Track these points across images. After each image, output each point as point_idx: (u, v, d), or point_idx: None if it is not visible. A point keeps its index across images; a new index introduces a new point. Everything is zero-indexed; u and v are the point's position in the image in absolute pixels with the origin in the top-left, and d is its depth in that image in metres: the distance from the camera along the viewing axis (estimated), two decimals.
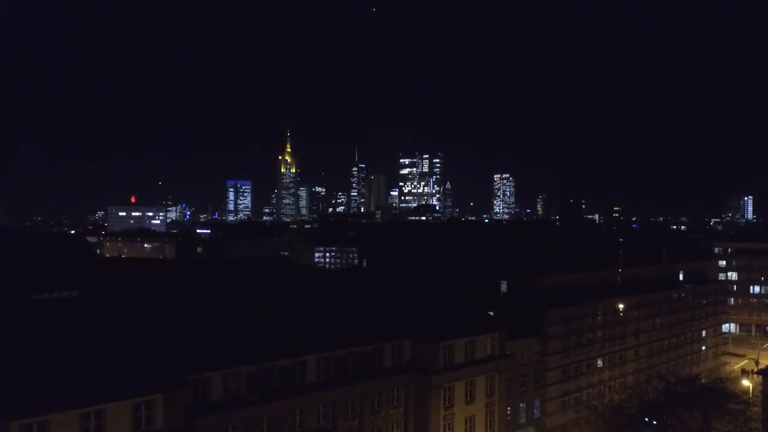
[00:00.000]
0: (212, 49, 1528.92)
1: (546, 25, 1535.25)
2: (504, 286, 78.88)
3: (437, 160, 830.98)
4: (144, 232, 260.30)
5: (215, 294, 58.10)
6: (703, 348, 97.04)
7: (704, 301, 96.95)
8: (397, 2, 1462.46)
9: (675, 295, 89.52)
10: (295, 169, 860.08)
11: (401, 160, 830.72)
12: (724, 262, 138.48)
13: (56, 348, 39.73)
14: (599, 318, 76.23)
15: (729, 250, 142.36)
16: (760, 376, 54.70)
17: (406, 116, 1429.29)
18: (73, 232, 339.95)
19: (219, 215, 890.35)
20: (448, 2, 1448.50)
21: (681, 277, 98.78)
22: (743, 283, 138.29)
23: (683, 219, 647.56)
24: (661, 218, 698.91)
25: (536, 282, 73.53)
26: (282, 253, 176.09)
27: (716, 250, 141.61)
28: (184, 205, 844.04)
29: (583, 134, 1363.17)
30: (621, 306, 79.23)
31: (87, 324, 46.81)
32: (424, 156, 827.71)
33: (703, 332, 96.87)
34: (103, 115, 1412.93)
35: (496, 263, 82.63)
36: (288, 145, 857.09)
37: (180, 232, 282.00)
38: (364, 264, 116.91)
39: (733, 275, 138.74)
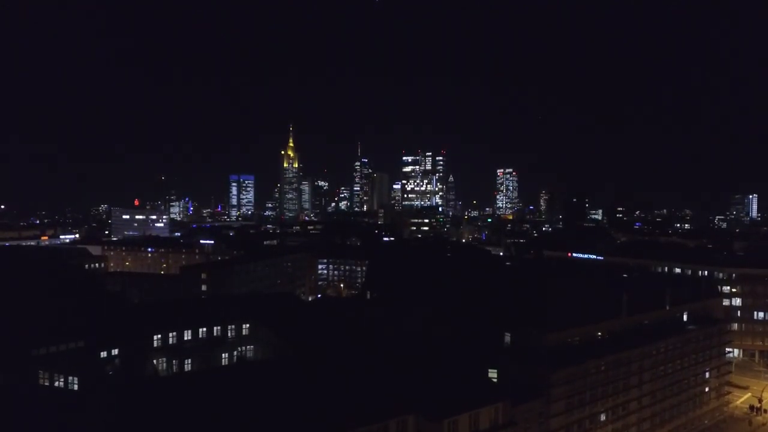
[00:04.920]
0: (215, 44, 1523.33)
1: (551, 19, 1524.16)
2: (508, 338, 79.04)
3: (440, 158, 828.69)
4: (148, 240, 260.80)
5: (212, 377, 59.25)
6: (706, 389, 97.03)
7: (707, 342, 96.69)
8: None
9: (679, 342, 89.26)
10: (298, 164, 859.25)
11: (404, 158, 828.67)
12: (728, 288, 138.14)
13: None
14: (603, 374, 76.18)
15: (733, 275, 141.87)
16: None
17: (408, 111, 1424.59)
18: (77, 236, 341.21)
19: (222, 208, 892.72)
20: None
21: (685, 317, 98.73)
22: (747, 309, 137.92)
23: (687, 213, 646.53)
24: (665, 211, 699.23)
25: (540, 339, 73.51)
26: (287, 269, 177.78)
27: (720, 275, 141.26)
28: (187, 199, 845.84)
29: (588, 130, 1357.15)
30: (625, 358, 79.27)
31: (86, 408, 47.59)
32: (427, 154, 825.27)
33: (707, 374, 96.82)
34: (106, 110, 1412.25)
35: (501, 310, 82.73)
36: (290, 140, 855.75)
37: (184, 239, 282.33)
38: (368, 295, 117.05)
39: (737, 301, 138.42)
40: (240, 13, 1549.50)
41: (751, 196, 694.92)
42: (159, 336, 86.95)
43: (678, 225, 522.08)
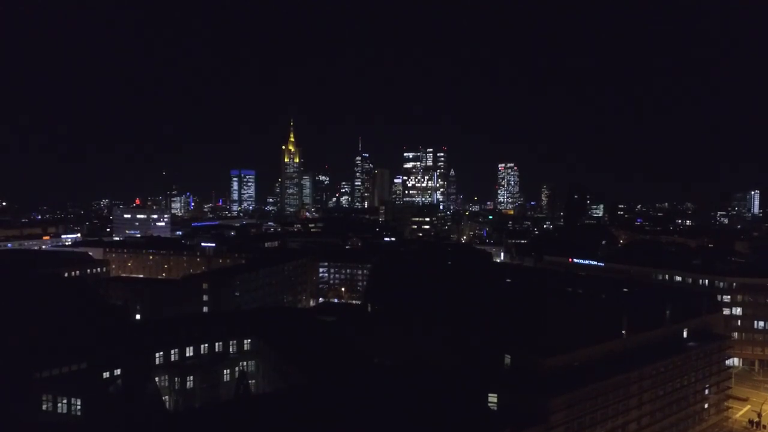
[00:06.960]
0: (216, 39, 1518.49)
1: (553, 15, 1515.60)
2: (508, 359, 79.32)
3: (441, 154, 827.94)
4: (150, 241, 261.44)
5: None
6: (706, 405, 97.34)
7: (707, 360, 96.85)
8: None
9: (679, 361, 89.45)
10: (299, 159, 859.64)
11: (405, 154, 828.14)
12: (729, 297, 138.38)
13: None
14: (603, 397, 76.40)
15: (734, 284, 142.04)
16: None
17: (409, 105, 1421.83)
18: (79, 235, 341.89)
19: (223, 203, 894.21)
20: None
21: (685, 334, 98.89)
22: (747, 318, 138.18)
23: (689, 207, 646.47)
24: (666, 204, 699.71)
25: (540, 363, 73.77)
26: (288, 276, 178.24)
27: (721, 284, 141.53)
28: (188, 194, 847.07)
29: (590, 124, 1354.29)
30: (625, 380, 79.48)
31: None
32: (428, 150, 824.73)
33: (706, 390, 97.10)
34: (107, 105, 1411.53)
35: (502, 330, 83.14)
36: (291, 135, 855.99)
37: (185, 239, 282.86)
38: (369, 308, 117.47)
39: (737, 310, 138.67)
40: (241, 9, 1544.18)
41: (753, 192, 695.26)
42: (161, 353, 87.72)
43: (679, 221, 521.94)
